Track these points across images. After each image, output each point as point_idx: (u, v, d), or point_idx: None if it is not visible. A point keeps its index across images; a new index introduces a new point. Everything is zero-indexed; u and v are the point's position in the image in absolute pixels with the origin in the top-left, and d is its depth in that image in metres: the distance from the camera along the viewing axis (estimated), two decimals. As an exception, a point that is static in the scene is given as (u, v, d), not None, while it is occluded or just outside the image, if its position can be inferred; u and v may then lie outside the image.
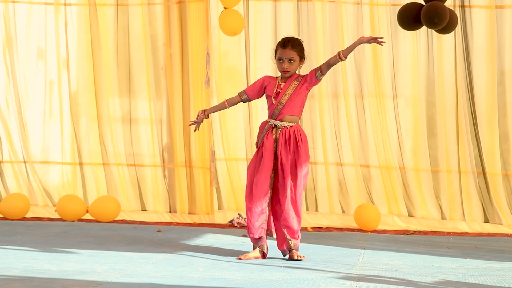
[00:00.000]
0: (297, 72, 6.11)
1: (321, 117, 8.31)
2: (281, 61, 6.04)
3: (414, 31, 8.01)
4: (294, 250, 6.08)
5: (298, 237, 6.10)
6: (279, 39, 8.16)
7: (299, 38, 6.16)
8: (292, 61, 6.03)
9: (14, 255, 5.97)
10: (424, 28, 7.95)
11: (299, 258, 6.03)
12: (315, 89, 8.28)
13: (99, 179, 8.66)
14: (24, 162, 8.73)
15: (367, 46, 8.19)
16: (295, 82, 6.06)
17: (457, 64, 8.08)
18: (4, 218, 8.41)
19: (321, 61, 8.20)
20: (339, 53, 5.98)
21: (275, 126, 6.06)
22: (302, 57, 6.08)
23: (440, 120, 8.16)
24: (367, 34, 8.17)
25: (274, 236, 6.19)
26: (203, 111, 6.21)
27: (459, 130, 8.11)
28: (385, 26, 8.15)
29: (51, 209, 8.58)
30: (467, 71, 8.07)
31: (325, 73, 6.06)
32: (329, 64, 6.02)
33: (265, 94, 6.15)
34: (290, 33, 8.28)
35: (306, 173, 6.08)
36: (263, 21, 8.34)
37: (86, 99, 8.70)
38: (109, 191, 8.61)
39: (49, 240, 6.88)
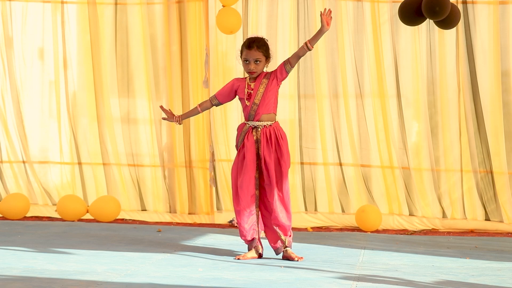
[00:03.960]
0: (264, 70, 6.13)
1: (320, 117, 8.30)
2: (247, 62, 6.06)
3: (416, 29, 8.00)
4: (289, 249, 6.07)
5: (291, 234, 6.10)
6: (278, 38, 8.20)
7: (264, 38, 6.17)
8: (258, 62, 6.05)
9: (14, 255, 5.96)
10: (425, 25, 7.95)
11: (298, 260, 6.02)
12: (315, 88, 8.29)
13: (99, 179, 8.66)
14: (23, 162, 8.73)
15: (369, 45, 8.18)
16: (265, 80, 6.07)
17: (459, 61, 8.06)
18: (4, 218, 8.41)
19: (320, 60, 8.21)
20: (306, 43, 5.99)
21: (255, 127, 6.07)
22: (267, 57, 6.11)
23: (442, 119, 8.15)
24: (368, 31, 8.16)
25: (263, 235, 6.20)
26: (179, 117, 6.22)
27: (461, 128, 8.11)
28: (386, 24, 8.13)
29: (51, 208, 8.59)
30: (469, 69, 8.05)
31: (294, 66, 6.09)
32: (298, 56, 6.05)
33: (237, 97, 6.16)
34: (289, 31, 8.29)
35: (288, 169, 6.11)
36: (262, 19, 8.33)
37: (86, 99, 8.69)
38: (109, 191, 8.61)
39: (49, 240, 6.88)
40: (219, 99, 6.22)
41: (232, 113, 8.37)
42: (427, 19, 6.85)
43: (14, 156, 8.74)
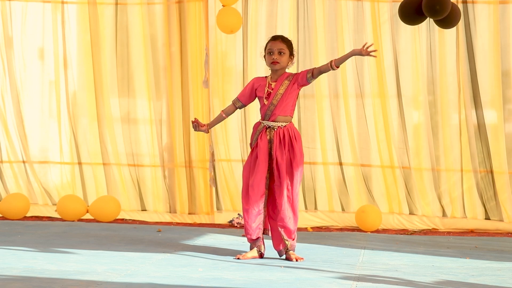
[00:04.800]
0: (286, 70, 6.10)
1: (320, 117, 8.29)
2: (271, 53, 6.03)
3: (416, 28, 7.99)
4: (291, 251, 6.07)
5: (295, 237, 6.09)
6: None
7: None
8: (282, 53, 6.02)
9: (14, 255, 5.96)
10: (425, 24, 7.94)
11: (298, 260, 6.02)
12: (315, 88, 8.29)
13: (99, 179, 8.66)
14: (24, 162, 8.73)
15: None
16: (286, 82, 6.04)
17: (460, 61, 8.05)
18: (4, 218, 8.41)
19: (320, 59, 8.20)
20: (331, 62, 5.97)
21: (269, 126, 6.05)
22: (291, 53, 6.07)
23: (442, 118, 8.14)
24: (368, 31, 8.16)
25: (270, 234, 6.19)
26: (207, 126, 6.18)
27: (461, 128, 8.11)
28: (387, 24, 8.13)
29: (51, 208, 8.59)
30: (470, 68, 8.04)
31: (316, 78, 6.05)
32: (320, 71, 6.02)
33: (256, 95, 6.14)
34: (289, 31, 8.28)
35: (301, 172, 6.07)
36: (262, 19, 8.33)
37: (86, 99, 8.69)
38: (109, 191, 8.61)
39: (49, 240, 6.88)
40: (242, 101, 6.18)
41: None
42: (427, 18, 6.85)
43: (14, 156, 8.74)
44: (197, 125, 6.14)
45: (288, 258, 6.06)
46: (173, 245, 6.68)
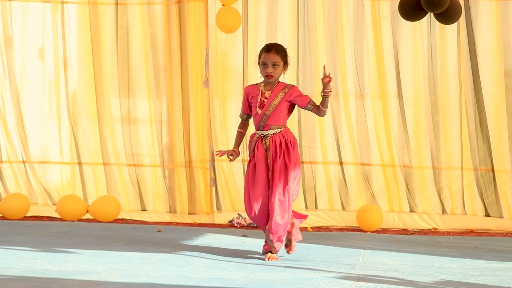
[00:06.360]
0: (281, 79, 6.10)
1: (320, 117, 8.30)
2: (265, 65, 6.03)
3: (417, 26, 7.98)
4: (269, 253, 6.07)
5: (283, 241, 6.09)
6: (277, 37, 8.21)
7: (283, 45, 6.16)
8: (276, 66, 6.01)
9: (14, 255, 5.97)
10: (426, 22, 7.94)
11: (271, 259, 6.01)
12: (315, 88, 8.29)
13: (99, 179, 8.66)
14: (23, 162, 8.73)
15: (369, 43, 8.17)
16: (281, 94, 6.04)
17: (461, 59, 8.03)
18: (4, 218, 8.41)
19: (320, 59, 8.21)
20: (319, 107, 6.10)
21: (264, 135, 6.05)
22: (285, 63, 6.07)
23: (443, 118, 8.14)
24: (368, 30, 8.15)
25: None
26: (233, 151, 6.16)
27: (462, 128, 8.10)
28: (387, 22, 8.12)
29: (51, 208, 8.59)
30: (471, 66, 8.03)
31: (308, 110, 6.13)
32: (316, 110, 6.13)
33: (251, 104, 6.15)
34: (289, 31, 8.29)
35: (298, 176, 6.07)
36: (261, 19, 8.33)
37: (86, 99, 8.69)
38: (109, 191, 8.61)
39: (49, 240, 6.88)
40: (246, 113, 6.20)
41: (232, 113, 8.36)
42: (428, 13, 6.84)
43: (14, 156, 8.74)
44: (233, 154, 6.13)
45: (264, 254, 6.08)
46: (173, 245, 6.69)
